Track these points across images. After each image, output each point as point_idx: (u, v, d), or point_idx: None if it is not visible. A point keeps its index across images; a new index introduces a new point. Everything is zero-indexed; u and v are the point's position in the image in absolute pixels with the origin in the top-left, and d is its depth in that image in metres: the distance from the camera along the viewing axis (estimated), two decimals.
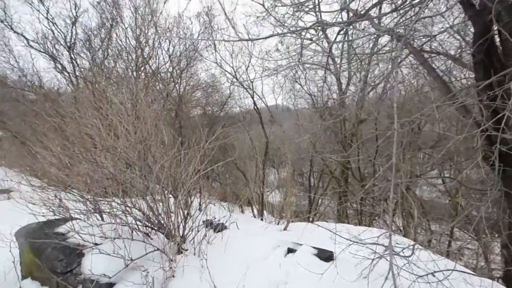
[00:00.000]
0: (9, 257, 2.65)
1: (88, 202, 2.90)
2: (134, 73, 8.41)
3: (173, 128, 7.10)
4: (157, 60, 9.07)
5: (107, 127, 3.16)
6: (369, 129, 8.68)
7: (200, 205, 4.74)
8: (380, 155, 7.62)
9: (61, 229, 2.65)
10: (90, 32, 8.60)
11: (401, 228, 7.84)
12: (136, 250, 2.51)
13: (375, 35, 3.52)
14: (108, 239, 2.43)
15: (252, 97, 9.84)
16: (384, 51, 4.15)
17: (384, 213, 6.71)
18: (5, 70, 8.96)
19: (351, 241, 2.16)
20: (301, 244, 2.95)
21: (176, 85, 9.04)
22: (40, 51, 8.36)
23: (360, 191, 7.58)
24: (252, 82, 9.61)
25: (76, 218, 2.90)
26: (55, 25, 8.42)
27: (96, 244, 2.44)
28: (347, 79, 8.73)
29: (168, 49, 9.05)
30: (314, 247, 2.85)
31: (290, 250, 2.87)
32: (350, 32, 4.42)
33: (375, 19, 2.53)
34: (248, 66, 9.34)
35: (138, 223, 2.83)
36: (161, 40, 8.51)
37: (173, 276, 2.54)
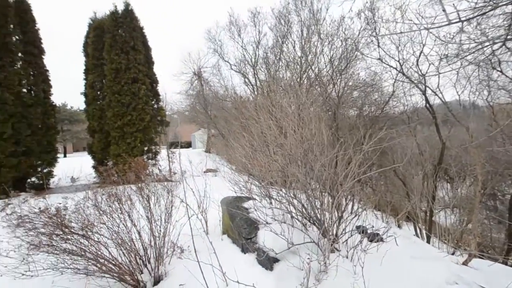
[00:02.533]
0: (216, 217, 3.75)
1: (262, 188, 3.52)
2: (299, 80, 9.24)
3: (331, 129, 7.16)
4: (318, 65, 9.46)
5: (279, 128, 3.67)
6: None
7: (352, 208, 4.50)
8: None
9: (246, 204, 3.39)
10: (267, 51, 10.35)
11: None
12: (295, 237, 2.76)
13: None
14: (276, 221, 2.83)
15: (424, 93, 8.03)
16: None
17: None
18: (217, 88, 13.03)
19: None
20: None
21: (335, 86, 9.02)
22: (236, 71, 11.18)
23: None
24: (424, 75, 7.84)
25: (254, 199, 3.61)
26: (245, 50, 10.91)
27: (267, 222, 2.92)
28: None
29: (329, 53, 9.18)
30: None
31: None
32: None
33: None
34: (419, 57, 7.70)
35: (298, 213, 3.10)
36: (323, 45, 8.77)
37: (325, 272, 2.58)
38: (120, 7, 10.77)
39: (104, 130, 10.99)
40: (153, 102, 11.42)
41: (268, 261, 2.55)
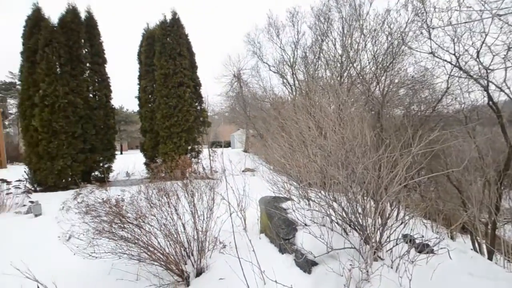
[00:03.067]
0: (254, 215, 3.80)
1: (301, 189, 3.45)
2: (339, 78, 8.84)
3: (375, 129, 6.70)
4: (360, 62, 8.93)
5: (318, 128, 3.56)
6: None
7: (398, 215, 4.14)
8: None
9: (284, 205, 3.36)
10: (306, 50, 10.11)
11: None
12: (334, 241, 2.65)
13: None
14: (315, 223, 2.75)
15: (486, 89, 6.97)
16: None
17: None
18: (256, 89, 13.28)
19: None
20: None
21: (379, 84, 8.40)
22: (274, 72, 11.19)
23: None
24: (486, 69, 6.83)
25: (292, 199, 3.56)
26: (284, 51, 10.84)
27: (306, 224, 2.85)
28: None
29: (373, 48, 8.59)
30: None
31: None
32: None
33: None
34: (480, 49, 6.72)
35: (338, 217, 2.96)
36: (366, 41, 8.24)
37: (367, 280, 2.42)
38: (169, 17, 11.62)
39: (154, 130, 11.97)
40: (196, 104, 12.06)
41: (306, 264, 2.49)
